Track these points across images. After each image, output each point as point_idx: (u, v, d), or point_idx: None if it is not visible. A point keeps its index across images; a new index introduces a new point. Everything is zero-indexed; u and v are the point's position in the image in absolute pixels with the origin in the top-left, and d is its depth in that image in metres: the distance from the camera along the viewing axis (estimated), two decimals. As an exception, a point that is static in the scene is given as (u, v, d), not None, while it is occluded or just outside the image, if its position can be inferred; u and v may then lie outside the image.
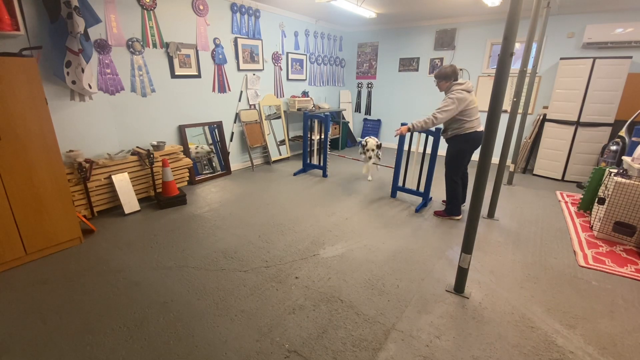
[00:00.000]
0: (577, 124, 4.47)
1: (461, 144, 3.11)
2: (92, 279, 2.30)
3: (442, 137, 3.31)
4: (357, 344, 1.76)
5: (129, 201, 3.39)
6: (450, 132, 3.14)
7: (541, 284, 2.31)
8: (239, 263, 2.51)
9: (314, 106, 5.83)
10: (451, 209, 3.35)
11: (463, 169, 3.28)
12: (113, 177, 3.32)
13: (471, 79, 5.70)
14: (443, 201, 3.57)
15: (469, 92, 2.97)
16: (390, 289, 2.23)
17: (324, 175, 4.74)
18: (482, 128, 3.04)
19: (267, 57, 5.19)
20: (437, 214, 3.45)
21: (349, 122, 7.02)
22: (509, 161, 4.48)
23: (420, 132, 3.31)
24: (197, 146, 4.48)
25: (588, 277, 2.41)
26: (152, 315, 1.95)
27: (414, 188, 3.80)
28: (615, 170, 2.97)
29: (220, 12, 4.36)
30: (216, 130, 4.69)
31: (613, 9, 4.39)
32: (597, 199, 3.09)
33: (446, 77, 3.03)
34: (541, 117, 4.95)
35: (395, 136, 3.30)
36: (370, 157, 4.44)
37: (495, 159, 3.53)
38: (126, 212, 3.35)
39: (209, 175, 4.56)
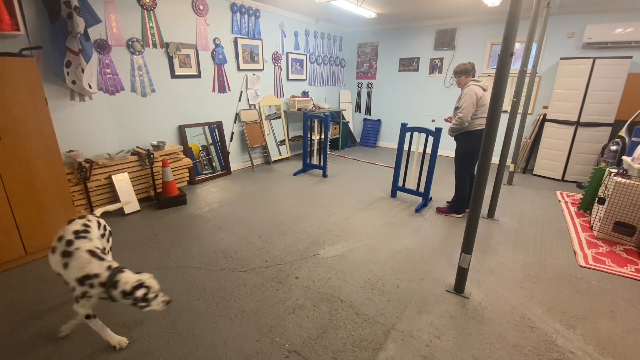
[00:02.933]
0: (577, 124, 4.47)
1: (470, 141, 3.09)
2: (92, 279, 2.29)
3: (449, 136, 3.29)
4: (357, 344, 1.76)
5: (129, 201, 3.39)
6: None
7: (541, 284, 2.31)
8: (239, 263, 2.51)
9: (314, 106, 5.82)
10: (454, 206, 3.38)
11: (472, 168, 3.27)
12: (113, 177, 3.32)
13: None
14: (447, 202, 3.58)
15: (484, 90, 3.01)
16: (390, 289, 2.23)
17: (324, 175, 4.74)
18: None
19: (267, 57, 5.18)
20: (439, 210, 3.48)
21: (349, 122, 7.02)
22: (509, 161, 4.48)
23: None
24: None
25: (588, 277, 2.41)
26: (152, 315, 1.95)
27: (414, 188, 3.80)
28: (615, 170, 2.97)
29: (220, 12, 4.36)
30: (216, 130, 4.69)
31: (613, 9, 4.39)
32: (597, 199, 3.09)
33: (466, 72, 3.11)
34: (541, 117, 4.94)
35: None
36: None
37: (495, 159, 3.52)
38: (126, 212, 3.35)
39: (209, 175, 4.56)
